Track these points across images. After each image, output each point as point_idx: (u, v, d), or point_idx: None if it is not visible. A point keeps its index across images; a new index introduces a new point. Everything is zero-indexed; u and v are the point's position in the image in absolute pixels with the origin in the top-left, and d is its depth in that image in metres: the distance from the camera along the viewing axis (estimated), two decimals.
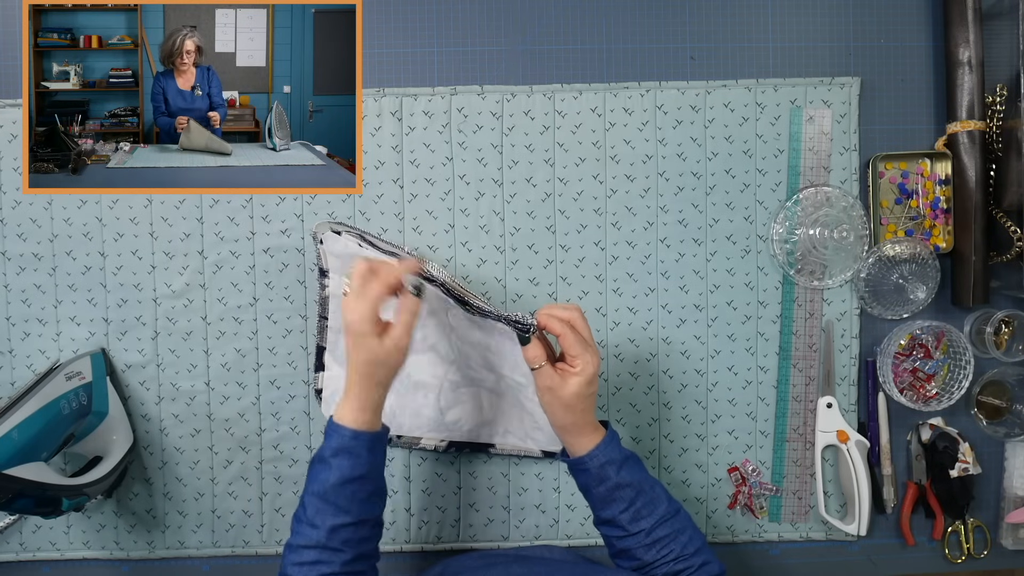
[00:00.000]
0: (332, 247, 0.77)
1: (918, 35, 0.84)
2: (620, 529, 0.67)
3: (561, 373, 0.66)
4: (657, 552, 0.66)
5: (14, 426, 0.66)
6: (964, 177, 0.82)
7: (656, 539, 0.66)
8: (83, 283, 0.82)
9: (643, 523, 0.66)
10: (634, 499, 0.66)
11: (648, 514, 0.66)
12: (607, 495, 0.67)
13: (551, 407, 0.67)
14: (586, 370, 0.65)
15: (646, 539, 0.66)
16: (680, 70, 0.84)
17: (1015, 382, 0.84)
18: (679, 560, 0.65)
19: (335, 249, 0.77)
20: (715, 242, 0.83)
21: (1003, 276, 0.84)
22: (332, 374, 0.82)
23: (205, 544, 0.84)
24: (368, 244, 0.75)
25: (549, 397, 0.66)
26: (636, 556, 0.66)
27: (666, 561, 0.65)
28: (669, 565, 0.65)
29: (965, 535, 0.85)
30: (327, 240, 0.77)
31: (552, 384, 0.65)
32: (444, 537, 0.84)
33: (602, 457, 0.66)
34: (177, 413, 0.83)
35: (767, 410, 0.84)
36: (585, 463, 0.67)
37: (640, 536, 0.66)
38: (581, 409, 0.66)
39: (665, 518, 0.66)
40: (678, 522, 0.67)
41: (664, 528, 0.66)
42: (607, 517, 0.67)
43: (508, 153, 0.83)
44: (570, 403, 0.65)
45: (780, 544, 0.86)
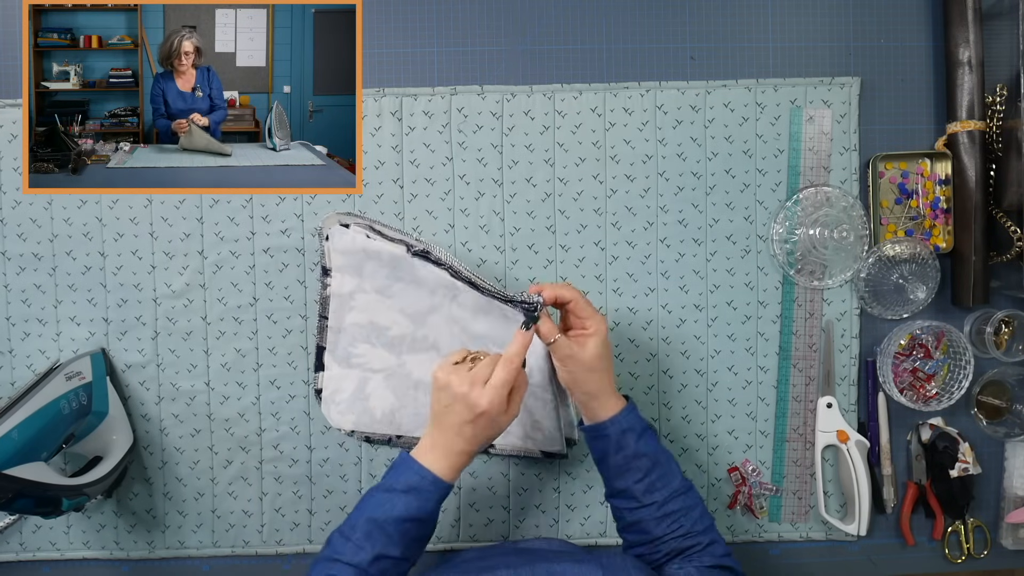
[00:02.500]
0: (338, 243, 0.78)
1: (918, 35, 0.84)
2: (633, 500, 0.68)
3: (577, 340, 0.69)
4: (667, 526, 0.66)
5: (14, 426, 0.66)
6: (964, 177, 0.82)
7: (667, 512, 0.67)
8: (83, 283, 0.82)
9: (656, 495, 0.67)
10: (650, 470, 0.68)
11: (662, 487, 0.67)
12: (624, 464, 0.68)
13: (575, 375, 0.69)
14: (600, 328, 0.68)
15: (657, 512, 0.67)
16: (680, 70, 0.84)
17: (1015, 382, 0.84)
18: (688, 536, 0.66)
19: (341, 246, 0.78)
20: (715, 242, 0.83)
21: (1003, 276, 0.84)
22: (332, 374, 0.82)
23: (205, 544, 0.84)
24: (377, 234, 0.76)
25: (572, 365, 0.68)
26: (646, 529, 0.67)
27: (675, 536, 0.66)
28: (677, 540, 0.66)
29: (965, 535, 0.85)
30: (333, 236, 0.78)
31: (571, 352, 0.68)
32: (444, 537, 0.84)
33: (623, 423, 0.68)
34: (177, 413, 0.83)
35: (767, 410, 0.84)
36: (607, 428, 0.69)
37: (652, 508, 0.67)
38: (603, 369, 0.69)
39: (678, 492, 0.68)
40: (690, 499, 0.68)
41: (676, 503, 0.67)
42: (621, 487, 0.68)
43: (508, 153, 0.83)
44: (593, 365, 0.68)
45: (780, 544, 0.86)
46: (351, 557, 0.62)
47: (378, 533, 0.63)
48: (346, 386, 0.82)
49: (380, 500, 0.64)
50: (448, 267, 0.74)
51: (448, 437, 0.65)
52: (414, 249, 0.75)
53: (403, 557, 0.64)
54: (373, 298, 0.80)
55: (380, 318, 0.80)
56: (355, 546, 0.62)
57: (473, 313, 0.77)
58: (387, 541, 0.62)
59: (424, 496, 0.64)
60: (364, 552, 0.62)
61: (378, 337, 0.81)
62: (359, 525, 0.63)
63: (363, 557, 0.62)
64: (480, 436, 0.65)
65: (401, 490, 0.64)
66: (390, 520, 0.63)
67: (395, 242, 0.76)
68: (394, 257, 0.77)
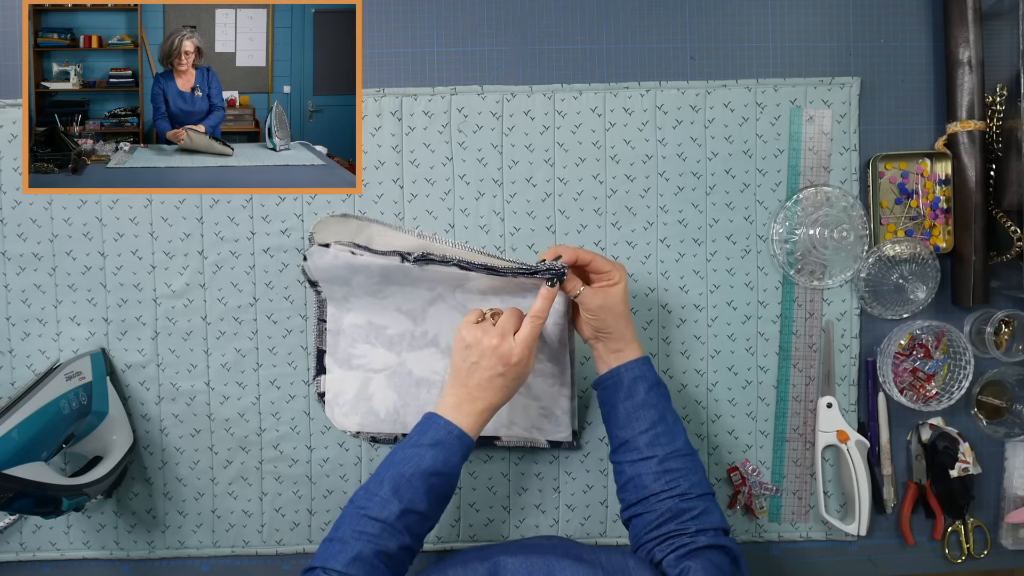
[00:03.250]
0: (319, 262, 0.75)
1: (918, 35, 0.84)
2: (635, 451, 0.68)
3: (602, 290, 0.70)
4: (665, 483, 0.66)
5: (14, 426, 0.66)
6: (964, 177, 0.82)
7: (667, 469, 0.67)
8: (83, 283, 0.82)
9: (659, 449, 0.67)
10: (655, 422, 0.68)
11: (666, 442, 0.68)
12: (631, 412, 0.69)
13: (605, 322, 0.70)
14: (623, 276, 0.71)
15: (658, 466, 0.67)
16: (680, 70, 0.84)
17: (1015, 382, 0.84)
18: (683, 498, 0.66)
19: (322, 263, 0.75)
20: (715, 242, 0.83)
21: (1003, 276, 0.84)
22: (334, 376, 0.82)
23: (205, 544, 0.84)
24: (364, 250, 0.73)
25: (602, 313, 0.70)
26: (643, 484, 0.67)
27: (671, 495, 0.66)
28: (673, 500, 0.66)
29: (965, 535, 0.85)
30: (312, 256, 0.75)
31: (601, 301, 0.70)
32: (444, 537, 0.84)
33: (637, 371, 0.70)
34: (177, 413, 0.83)
35: (767, 410, 0.84)
36: (620, 373, 0.70)
37: (652, 462, 0.67)
38: (628, 314, 0.71)
39: (681, 452, 0.68)
40: (692, 461, 0.68)
41: (678, 461, 0.67)
42: (625, 437, 0.69)
43: (508, 153, 0.83)
44: (620, 310, 0.70)
45: (780, 544, 0.86)
46: (378, 512, 0.63)
47: (405, 487, 0.64)
48: (349, 388, 0.82)
49: (407, 455, 0.65)
50: (455, 263, 0.71)
51: (473, 395, 0.67)
52: (413, 257, 0.72)
53: (428, 513, 0.65)
54: (367, 301, 0.79)
55: (378, 318, 0.80)
56: (382, 500, 0.63)
57: (482, 295, 0.76)
58: (414, 495, 0.64)
59: (450, 450, 0.66)
60: (391, 506, 0.63)
61: (377, 336, 0.81)
62: (386, 480, 0.64)
63: (391, 511, 0.63)
64: (510, 387, 0.68)
65: (428, 444, 0.66)
66: (417, 474, 0.64)
67: (387, 255, 0.72)
68: (385, 268, 0.73)
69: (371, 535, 0.62)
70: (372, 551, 0.62)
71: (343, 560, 0.61)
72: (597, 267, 0.70)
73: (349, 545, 0.62)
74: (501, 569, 0.61)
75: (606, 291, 0.70)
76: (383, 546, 0.62)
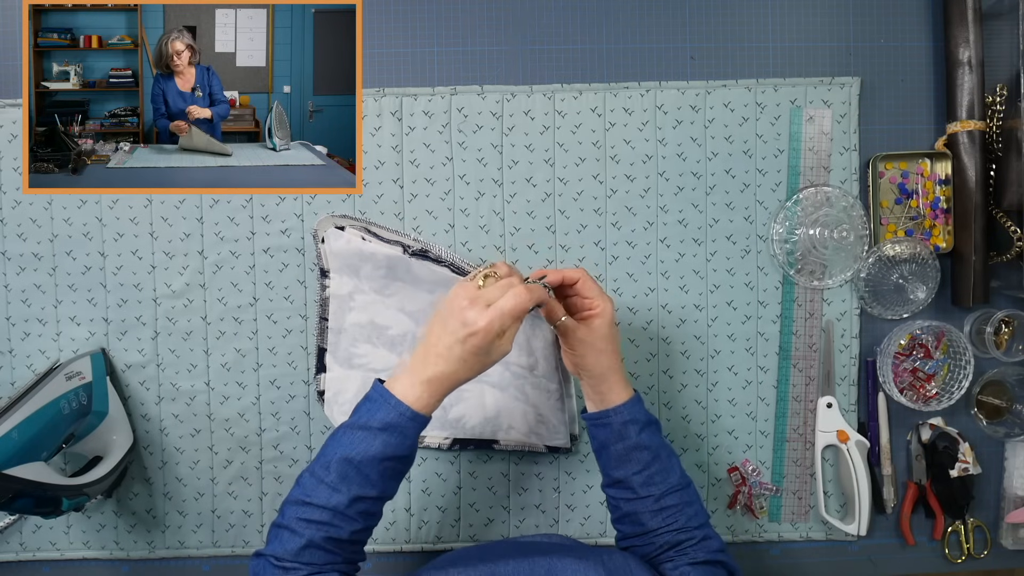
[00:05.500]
0: (334, 245, 0.78)
1: (918, 35, 0.84)
2: (630, 491, 0.67)
3: (584, 321, 0.67)
4: (662, 520, 0.66)
5: (14, 426, 0.66)
6: (964, 177, 0.82)
7: (664, 506, 0.66)
8: (83, 283, 0.82)
9: (654, 488, 0.66)
10: (649, 463, 0.67)
11: (660, 481, 0.67)
12: (623, 454, 0.67)
13: (584, 359, 0.67)
14: (606, 309, 0.67)
15: (654, 505, 0.66)
16: (680, 70, 0.84)
17: (1015, 382, 0.84)
18: (682, 531, 0.66)
19: (337, 248, 0.78)
20: (715, 242, 0.83)
21: (1003, 276, 0.84)
22: (334, 375, 0.82)
23: (205, 544, 0.84)
24: (372, 236, 0.77)
25: (581, 348, 0.67)
26: (640, 521, 0.66)
27: (670, 530, 0.66)
28: (672, 534, 0.66)
29: (965, 535, 0.84)
30: (329, 238, 0.78)
31: (580, 334, 0.67)
32: (444, 537, 0.84)
33: (626, 415, 0.67)
34: (177, 413, 0.83)
35: (767, 410, 0.84)
36: (609, 417, 0.67)
37: (649, 501, 0.66)
38: (611, 351, 0.67)
39: (676, 488, 0.67)
40: (687, 495, 0.68)
41: (673, 498, 0.67)
42: (619, 477, 0.68)
43: (508, 153, 0.83)
44: (601, 346, 0.67)
45: (780, 544, 0.86)
46: (326, 500, 0.59)
47: (354, 474, 0.59)
48: (349, 387, 0.82)
49: (355, 439, 0.60)
50: (448, 264, 0.75)
51: (428, 358, 0.61)
52: (412, 249, 0.76)
53: (381, 495, 0.61)
54: (372, 298, 0.80)
55: (380, 318, 0.80)
56: (329, 488, 0.59)
57: None
58: (364, 481, 0.59)
59: (402, 433, 0.60)
60: (340, 494, 0.59)
61: (379, 337, 0.81)
62: (333, 465, 0.60)
63: (339, 499, 0.59)
64: (468, 361, 0.60)
65: (377, 428, 0.60)
66: (367, 460, 0.59)
67: (391, 243, 0.77)
68: (390, 258, 0.77)
69: (320, 523, 0.59)
70: (322, 538, 0.59)
71: (292, 549, 0.58)
72: (583, 290, 0.67)
73: (298, 534, 0.59)
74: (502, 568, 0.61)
75: (588, 323, 0.67)
76: (333, 533, 0.59)
